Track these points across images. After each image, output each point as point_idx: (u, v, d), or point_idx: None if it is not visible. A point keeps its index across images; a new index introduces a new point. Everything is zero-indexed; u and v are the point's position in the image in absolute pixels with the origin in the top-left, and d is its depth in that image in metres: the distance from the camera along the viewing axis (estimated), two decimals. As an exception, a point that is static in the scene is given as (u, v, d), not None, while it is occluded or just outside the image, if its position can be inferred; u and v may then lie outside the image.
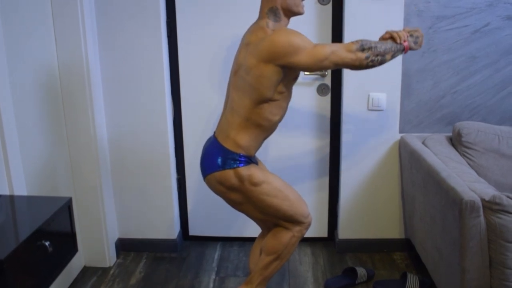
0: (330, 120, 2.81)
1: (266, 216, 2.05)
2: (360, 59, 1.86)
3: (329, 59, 1.85)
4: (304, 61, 1.84)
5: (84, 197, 2.63)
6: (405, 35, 1.95)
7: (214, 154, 1.99)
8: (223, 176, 1.97)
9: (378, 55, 1.88)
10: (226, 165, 1.96)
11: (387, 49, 1.90)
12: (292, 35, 1.85)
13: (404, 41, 1.94)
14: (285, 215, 2.02)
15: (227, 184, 1.98)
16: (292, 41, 1.83)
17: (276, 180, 2.03)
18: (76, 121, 2.51)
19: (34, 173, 2.21)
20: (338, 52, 1.85)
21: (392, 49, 1.92)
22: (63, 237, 1.59)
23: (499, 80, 2.64)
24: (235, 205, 2.09)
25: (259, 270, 2.12)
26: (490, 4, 2.52)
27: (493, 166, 2.38)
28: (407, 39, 1.95)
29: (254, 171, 1.98)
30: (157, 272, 2.73)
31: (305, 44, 1.84)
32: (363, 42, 1.87)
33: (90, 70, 2.47)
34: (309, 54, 1.84)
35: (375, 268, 2.72)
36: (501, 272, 1.82)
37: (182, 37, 2.70)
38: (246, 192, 1.98)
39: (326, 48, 1.85)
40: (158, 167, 2.80)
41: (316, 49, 1.84)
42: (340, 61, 1.86)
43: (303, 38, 1.85)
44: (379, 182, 2.79)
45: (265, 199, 1.98)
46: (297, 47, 1.83)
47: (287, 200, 2.02)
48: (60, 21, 2.36)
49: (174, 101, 2.82)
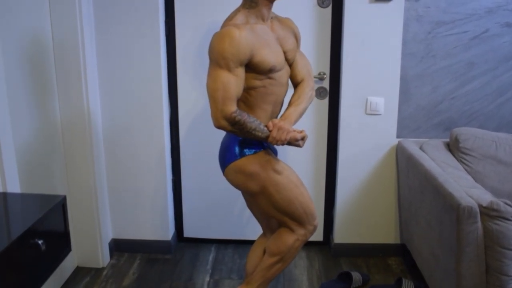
0: (327, 123, 2.80)
1: (276, 212, 2.01)
2: (222, 126, 1.81)
3: (208, 94, 1.80)
4: (207, 73, 1.82)
5: (79, 197, 2.61)
6: (282, 141, 1.85)
7: (231, 144, 1.97)
8: (241, 164, 1.94)
9: (242, 131, 1.83)
10: (244, 152, 1.94)
11: (253, 129, 1.83)
12: (218, 42, 1.76)
13: (272, 142, 1.86)
14: (295, 212, 1.99)
15: (246, 170, 1.93)
16: (212, 47, 1.77)
17: (294, 175, 2.01)
18: (72, 121, 2.49)
19: (28, 171, 2.19)
20: (214, 105, 1.78)
21: (257, 133, 1.84)
22: (56, 236, 1.57)
23: (497, 87, 2.64)
24: (250, 198, 2.07)
25: (261, 270, 2.10)
26: (490, 11, 2.53)
27: (490, 173, 2.37)
28: (278, 143, 1.85)
29: (272, 158, 1.97)
30: (151, 273, 2.70)
31: (220, 61, 1.76)
32: (239, 119, 1.79)
33: (87, 73, 2.45)
34: (211, 73, 1.80)
35: (370, 272, 2.71)
36: (497, 278, 1.81)
37: (180, 37, 2.69)
38: (265, 180, 1.94)
39: (217, 86, 1.77)
40: (154, 168, 2.78)
41: (215, 76, 1.77)
42: (211, 108, 1.80)
43: (227, 51, 1.73)
44: (376, 186, 2.78)
45: (280, 191, 1.95)
46: (211, 56, 1.79)
47: (301, 197, 1.99)
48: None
49: (171, 102, 2.80)
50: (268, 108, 1.95)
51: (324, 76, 2.71)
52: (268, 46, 1.85)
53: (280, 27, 1.99)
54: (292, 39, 2.02)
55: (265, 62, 1.82)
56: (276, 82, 1.91)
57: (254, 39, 1.80)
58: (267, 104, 1.94)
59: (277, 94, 1.96)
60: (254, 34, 1.81)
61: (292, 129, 1.88)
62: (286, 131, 1.85)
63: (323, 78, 2.71)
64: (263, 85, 1.88)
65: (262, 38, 1.84)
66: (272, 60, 1.84)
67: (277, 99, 1.97)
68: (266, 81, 1.88)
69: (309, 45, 2.67)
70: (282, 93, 1.98)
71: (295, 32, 2.04)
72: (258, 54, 1.81)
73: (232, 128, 1.82)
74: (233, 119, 1.79)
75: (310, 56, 2.68)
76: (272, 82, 1.90)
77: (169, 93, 2.78)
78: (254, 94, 1.90)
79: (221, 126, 1.81)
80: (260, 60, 1.81)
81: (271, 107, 1.96)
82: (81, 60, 2.42)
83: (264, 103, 1.93)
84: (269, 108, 1.96)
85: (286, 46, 1.97)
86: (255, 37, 1.80)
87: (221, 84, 1.77)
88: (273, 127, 1.86)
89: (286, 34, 1.99)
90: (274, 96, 1.94)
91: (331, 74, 2.72)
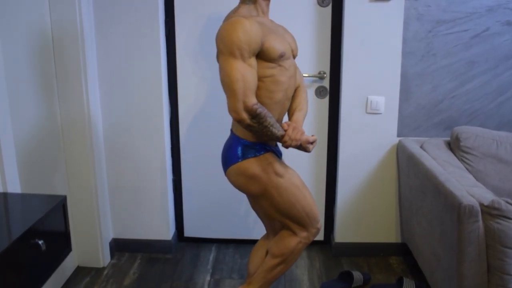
0: (327, 122, 2.79)
1: (278, 214, 2.01)
2: (242, 119, 1.78)
3: (227, 86, 1.76)
4: (219, 65, 1.79)
5: (79, 196, 2.60)
6: (297, 141, 1.86)
7: (234, 146, 1.96)
8: (243, 166, 1.93)
9: (261, 125, 1.81)
10: (246, 154, 1.93)
11: (271, 124, 1.82)
12: (230, 32, 1.73)
13: (286, 142, 1.86)
14: (298, 215, 1.99)
15: (247, 173, 1.93)
16: (224, 38, 1.75)
17: (296, 178, 2.00)
18: (72, 121, 2.49)
19: (28, 171, 2.18)
20: (234, 97, 1.75)
21: (273, 130, 1.83)
22: (57, 236, 1.57)
23: (497, 86, 2.64)
24: (252, 200, 2.07)
25: (262, 271, 2.09)
26: (490, 9, 2.52)
27: (491, 171, 2.37)
28: (292, 143, 1.85)
29: (275, 161, 1.95)
30: (151, 273, 2.70)
31: (234, 51, 1.73)
32: (260, 111, 1.77)
33: (87, 73, 2.45)
34: (224, 65, 1.76)
35: (371, 272, 2.71)
36: (499, 278, 1.81)
37: (180, 37, 2.69)
38: (266, 183, 1.93)
39: (236, 77, 1.73)
40: (154, 167, 2.78)
41: (231, 67, 1.74)
42: (228, 100, 1.78)
43: (241, 40, 1.72)
44: (376, 185, 2.78)
45: (282, 193, 1.95)
46: (223, 48, 1.75)
47: (304, 199, 1.98)
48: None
49: (171, 102, 2.80)
50: (277, 100, 1.92)
51: (324, 75, 2.70)
52: (274, 33, 1.86)
53: (278, 26, 2.02)
54: (290, 37, 2.04)
55: (275, 48, 1.82)
56: (285, 71, 1.90)
57: (261, 27, 1.81)
58: (278, 95, 1.91)
59: (288, 84, 1.93)
60: (259, 23, 1.82)
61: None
62: (300, 132, 1.87)
63: (323, 77, 2.71)
64: (272, 74, 1.87)
65: (267, 27, 1.85)
66: (280, 46, 1.84)
67: (287, 91, 1.94)
68: (275, 70, 1.86)
69: (309, 44, 2.67)
70: (292, 85, 1.96)
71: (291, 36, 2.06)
72: (267, 41, 1.81)
73: (251, 122, 1.79)
74: (254, 111, 1.76)
75: (310, 55, 2.68)
76: (282, 71, 1.88)
77: (169, 92, 2.78)
78: (262, 85, 1.86)
79: (242, 119, 1.77)
80: (270, 46, 1.81)
81: (274, 112, 1.93)
82: (81, 60, 2.41)
83: (275, 94, 1.90)
84: (278, 102, 1.93)
85: (287, 38, 1.99)
86: (261, 26, 1.81)
87: (240, 75, 1.74)
88: (288, 127, 1.86)
89: (284, 31, 2.02)
90: (284, 85, 1.91)
91: (331, 73, 2.72)
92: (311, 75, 2.69)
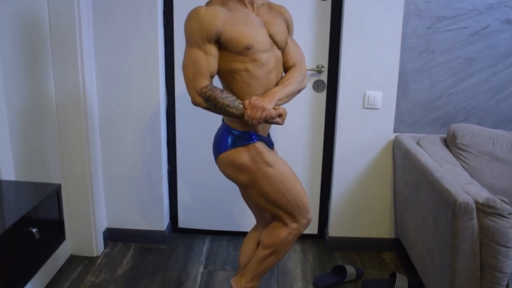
0: (324, 116, 2.79)
1: (268, 204, 2.00)
2: (198, 103, 1.84)
3: (183, 73, 1.85)
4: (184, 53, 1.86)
5: (74, 185, 2.59)
6: (257, 119, 1.84)
7: (224, 135, 1.96)
8: (232, 155, 1.93)
9: (216, 107, 1.84)
10: (236, 143, 1.93)
11: (225, 105, 1.84)
12: (187, 20, 1.81)
13: (248, 121, 1.85)
14: (287, 205, 1.98)
15: (236, 162, 1.93)
16: (184, 29, 1.83)
17: (286, 167, 2.00)
18: (68, 110, 2.47)
19: (23, 160, 2.17)
20: (187, 82, 1.83)
21: (231, 110, 1.85)
22: (50, 224, 1.56)
23: (495, 83, 2.64)
24: (242, 189, 2.06)
25: (254, 263, 2.10)
26: (490, 7, 2.52)
27: (486, 169, 2.37)
28: (253, 121, 1.84)
29: (265, 150, 1.95)
30: (145, 263, 2.70)
31: (189, 39, 1.81)
32: (210, 94, 1.81)
33: (84, 62, 2.43)
34: (184, 53, 1.85)
35: (364, 267, 2.72)
36: (492, 275, 1.82)
37: (179, 26, 2.67)
38: (255, 172, 1.93)
39: (187, 63, 1.82)
40: (150, 157, 2.77)
41: (186, 55, 1.83)
42: (186, 86, 1.85)
43: (193, 27, 1.79)
44: (372, 181, 2.78)
45: (271, 183, 1.94)
46: (185, 39, 1.83)
47: (294, 189, 1.98)
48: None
49: (168, 91, 2.79)
50: (259, 94, 1.90)
51: (322, 69, 2.69)
52: (245, 25, 1.83)
53: (268, 11, 1.96)
54: (282, 23, 1.97)
55: (239, 39, 1.80)
56: (262, 65, 1.87)
57: (227, 16, 1.80)
58: (257, 90, 1.89)
59: (266, 79, 1.90)
60: (228, 12, 1.81)
61: (269, 107, 1.84)
62: (261, 109, 1.83)
63: (321, 71, 2.70)
64: (246, 69, 1.85)
65: (238, 17, 1.83)
66: (247, 38, 1.81)
67: (267, 85, 1.92)
68: (250, 64, 1.85)
69: (308, 38, 2.66)
70: (272, 79, 1.93)
71: (286, 18, 2.01)
72: (229, 31, 1.79)
73: (207, 105, 1.84)
74: (204, 94, 1.81)
75: (308, 49, 2.67)
76: (257, 65, 1.86)
77: (166, 82, 2.77)
78: (238, 78, 1.87)
79: (197, 102, 1.84)
80: (232, 37, 1.80)
81: (262, 93, 1.91)
82: (78, 47, 2.39)
83: (253, 89, 1.89)
84: (258, 96, 1.90)
85: (273, 29, 1.92)
86: (228, 15, 1.80)
87: (191, 61, 1.81)
88: (248, 105, 1.85)
89: (274, 18, 1.96)
90: (262, 80, 1.89)
91: (330, 67, 2.71)
92: (309, 69, 2.68)
